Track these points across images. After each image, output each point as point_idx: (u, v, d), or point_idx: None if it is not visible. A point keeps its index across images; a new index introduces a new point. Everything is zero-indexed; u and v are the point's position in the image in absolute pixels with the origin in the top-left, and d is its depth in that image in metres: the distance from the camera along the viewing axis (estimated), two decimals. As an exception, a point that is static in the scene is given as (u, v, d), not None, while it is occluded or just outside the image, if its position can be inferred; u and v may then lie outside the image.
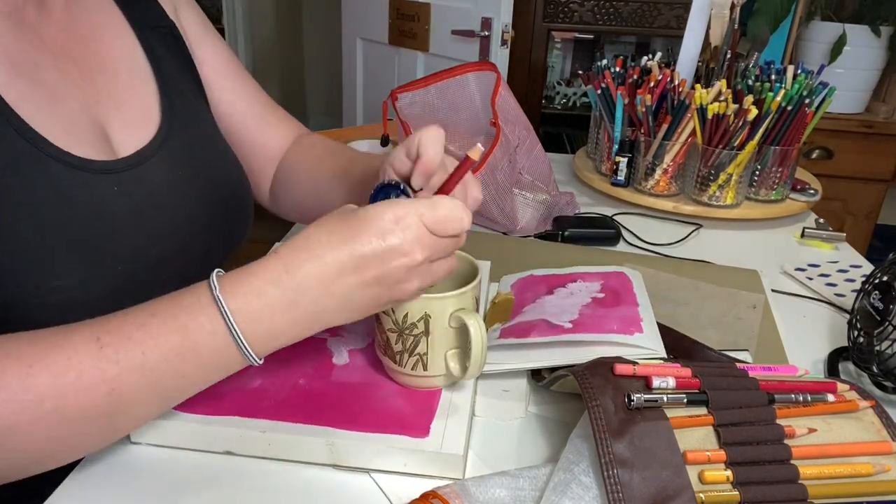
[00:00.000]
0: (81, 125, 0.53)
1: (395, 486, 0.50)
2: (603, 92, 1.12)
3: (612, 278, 0.70)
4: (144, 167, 0.57)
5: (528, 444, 0.55)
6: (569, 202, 1.03)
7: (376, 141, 1.20)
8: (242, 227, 0.69)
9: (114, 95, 0.57)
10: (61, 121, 0.52)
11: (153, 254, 0.56)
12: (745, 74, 1.12)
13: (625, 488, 0.42)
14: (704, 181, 1.04)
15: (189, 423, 0.52)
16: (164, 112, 0.61)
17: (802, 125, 1.02)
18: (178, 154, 0.60)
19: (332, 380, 0.57)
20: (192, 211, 0.61)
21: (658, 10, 2.31)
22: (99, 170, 0.53)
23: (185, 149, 0.61)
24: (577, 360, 0.54)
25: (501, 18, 1.95)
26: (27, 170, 0.49)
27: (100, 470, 0.51)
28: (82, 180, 0.52)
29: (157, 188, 0.58)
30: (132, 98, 0.59)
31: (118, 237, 0.54)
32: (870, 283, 0.65)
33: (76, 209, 0.51)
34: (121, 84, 0.58)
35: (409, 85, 1.05)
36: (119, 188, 0.54)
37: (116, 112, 0.57)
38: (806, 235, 1.01)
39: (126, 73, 0.59)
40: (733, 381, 0.50)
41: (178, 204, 0.59)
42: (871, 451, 0.46)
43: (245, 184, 0.69)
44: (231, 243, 0.67)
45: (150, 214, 0.56)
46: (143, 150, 0.58)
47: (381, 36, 2.33)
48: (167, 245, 0.58)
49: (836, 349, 0.70)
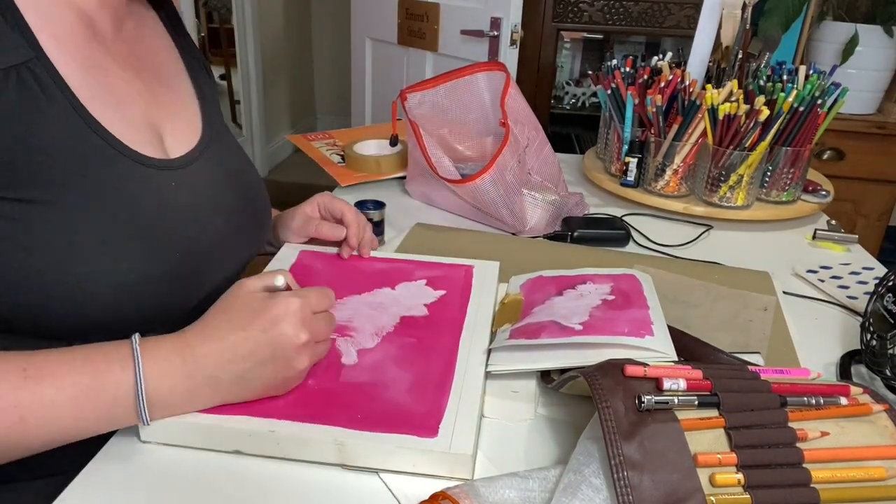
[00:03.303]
0: (141, 127, 0.60)
1: (404, 486, 0.50)
2: (613, 92, 1.12)
3: (623, 280, 0.70)
4: (193, 168, 0.64)
5: (538, 446, 0.55)
6: (578, 203, 1.03)
7: (384, 141, 1.20)
8: (264, 232, 0.77)
9: (167, 105, 0.64)
10: (125, 121, 0.58)
11: (202, 245, 0.63)
12: (757, 75, 1.11)
13: (635, 490, 0.42)
14: (715, 182, 1.03)
15: (198, 423, 0.52)
16: (205, 123, 0.69)
17: (814, 126, 1.01)
18: (217, 160, 0.68)
19: (342, 380, 0.57)
20: (231, 210, 0.68)
21: (668, 9, 2.30)
22: (159, 166, 0.60)
23: (221, 156, 0.69)
24: (587, 362, 0.54)
25: (511, 18, 1.95)
26: (99, 164, 0.55)
27: (109, 468, 0.51)
28: (147, 175, 0.58)
29: (205, 187, 0.65)
30: (181, 109, 0.67)
31: (175, 228, 0.59)
32: (883, 286, 0.64)
33: (141, 201, 0.57)
34: (172, 96, 0.66)
35: (419, 85, 1.05)
36: (175, 184, 0.61)
37: (168, 119, 0.64)
38: (817, 237, 1.00)
39: (176, 88, 0.67)
40: (745, 384, 0.49)
41: (220, 203, 0.66)
42: (885, 455, 0.46)
43: (265, 192, 0.77)
44: (255, 244, 0.74)
45: (200, 209, 0.63)
46: (191, 152, 0.65)
47: (390, 36, 2.33)
48: (213, 238, 0.65)
49: (849, 352, 0.70)
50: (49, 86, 0.53)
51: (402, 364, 0.59)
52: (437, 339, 0.63)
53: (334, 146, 1.27)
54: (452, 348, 0.62)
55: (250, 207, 0.72)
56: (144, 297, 0.53)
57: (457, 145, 1.09)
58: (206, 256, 0.63)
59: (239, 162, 0.72)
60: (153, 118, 0.62)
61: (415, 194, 1.10)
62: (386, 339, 0.63)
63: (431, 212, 1.05)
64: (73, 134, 0.54)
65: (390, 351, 0.61)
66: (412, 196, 1.10)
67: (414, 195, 1.10)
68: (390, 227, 0.96)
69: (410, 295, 0.71)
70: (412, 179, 1.08)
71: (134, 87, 0.61)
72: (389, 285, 0.72)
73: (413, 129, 1.00)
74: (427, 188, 1.05)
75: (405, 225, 0.98)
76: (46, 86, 0.52)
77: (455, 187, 0.95)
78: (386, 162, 1.15)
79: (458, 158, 1.06)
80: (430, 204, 1.07)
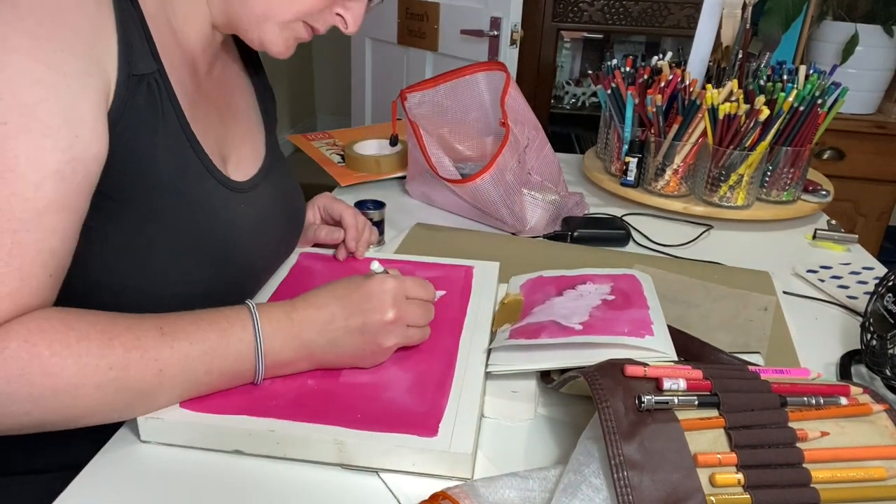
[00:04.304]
0: (216, 156, 0.64)
1: (404, 486, 0.50)
2: (613, 92, 1.12)
3: (623, 281, 0.70)
4: (257, 191, 0.69)
5: (538, 446, 0.55)
6: (578, 203, 1.03)
7: (384, 141, 1.20)
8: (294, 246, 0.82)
9: (236, 138, 0.70)
10: (209, 149, 0.63)
11: (257, 264, 0.69)
12: (757, 74, 1.11)
13: (635, 490, 0.42)
14: (715, 182, 1.03)
15: (199, 423, 0.52)
16: (268, 152, 0.74)
17: (814, 126, 1.01)
18: (275, 186, 0.73)
19: (341, 380, 0.57)
20: (283, 232, 0.75)
21: (668, 9, 2.30)
22: (235, 189, 0.65)
23: (278, 183, 0.74)
24: (587, 362, 0.54)
25: (511, 18, 1.94)
26: (193, 179, 0.60)
27: (110, 468, 0.51)
28: (226, 196, 0.64)
29: (264, 209, 0.70)
30: (247, 141, 0.72)
31: (240, 247, 0.65)
32: (883, 286, 0.64)
33: (218, 218, 0.62)
34: (243, 130, 0.72)
35: (419, 85, 1.05)
36: (244, 206, 0.66)
37: (235, 149, 0.69)
38: (817, 237, 1.00)
39: (246, 123, 0.73)
40: (745, 384, 0.49)
41: (274, 224, 0.72)
42: (885, 455, 0.46)
43: (305, 209, 0.83)
44: (290, 255, 0.80)
45: (259, 231, 0.68)
46: (254, 178, 0.69)
47: (390, 35, 2.32)
48: (268, 259, 0.72)
49: (849, 352, 0.70)
50: (165, 100, 0.57)
51: (402, 364, 0.60)
52: (437, 339, 0.63)
53: (334, 146, 1.27)
54: (452, 348, 0.62)
55: (296, 228, 0.79)
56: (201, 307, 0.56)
57: (457, 145, 1.09)
58: (259, 275, 0.71)
59: (290, 184, 0.77)
60: (222, 147, 0.67)
61: (415, 194, 1.10)
62: (386, 338, 0.63)
63: (431, 212, 1.05)
64: (178, 149, 0.59)
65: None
66: (412, 196, 1.10)
67: (414, 195, 1.10)
68: (390, 227, 0.96)
69: (410, 295, 0.70)
70: (412, 179, 1.08)
71: (212, 119, 0.66)
72: (389, 285, 0.72)
73: (413, 128, 0.99)
74: (427, 188, 1.05)
75: (405, 225, 0.98)
76: (163, 99, 0.57)
77: (455, 187, 0.95)
78: (386, 162, 1.15)
79: (458, 158, 1.06)
80: (430, 204, 1.07)
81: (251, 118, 0.74)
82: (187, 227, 0.59)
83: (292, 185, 0.78)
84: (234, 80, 0.73)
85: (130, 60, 0.54)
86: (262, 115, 0.77)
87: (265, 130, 0.76)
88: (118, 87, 0.53)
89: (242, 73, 0.76)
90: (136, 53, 0.54)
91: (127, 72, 0.53)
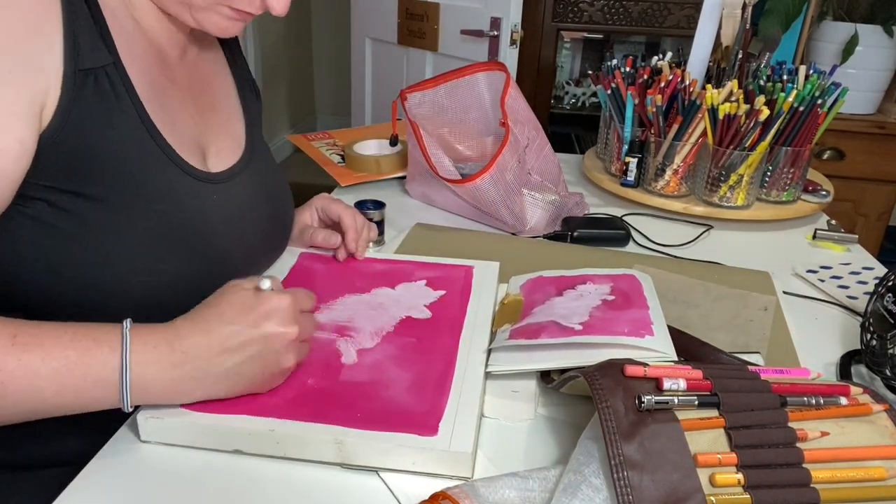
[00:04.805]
0: (189, 144, 0.64)
1: (403, 486, 0.50)
2: (613, 92, 1.12)
3: (622, 281, 0.70)
4: (234, 183, 0.68)
5: (538, 446, 0.55)
6: (578, 203, 1.03)
7: (384, 141, 1.20)
8: (285, 241, 0.81)
9: (215, 126, 0.69)
10: (176, 136, 0.62)
11: (234, 257, 0.67)
12: (757, 75, 1.11)
13: (635, 490, 0.42)
14: (715, 182, 1.03)
15: (198, 422, 0.52)
16: (248, 144, 0.73)
17: (814, 126, 1.01)
18: (255, 177, 0.72)
19: (341, 379, 0.57)
20: (263, 226, 0.73)
21: (668, 9, 2.30)
22: (204, 179, 0.64)
23: (259, 174, 0.73)
24: (587, 362, 0.54)
25: (511, 18, 1.94)
26: (154, 170, 0.59)
27: (109, 468, 0.51)
28: (193, 186, 0.62)
29: (243, 202, 0.68)
30: (227, 130, 0.71)
31: (212, 239, 0.63)
32: (883, 286, 0.64)
33: (185, 209, 0.61)
34: (220, 118, 0.71)
35: (419, 85, 1.05)
36: (217, 197, 0.65)
37: (214, 138, 0.68)
38: (817, 237, 1.00)
39: (226, 112, 0.72)
40: (745, 384, 0.49)
41: (255, 218, 0.70)
42: (885, 455, 0.46)
43: (293, 207, 0.82)
44: (276, 253, 0.79)
45: (236, 224, 0.67)
46: (232, 168, 0.69)
47: (390, 35, 2.32)
48: (245, 252, 0.69)
49: (849, 352, 0.70)
50: (121, 91, 0.57)
51: (402, 364, 0.60)
52: (436, 340, 0.63)
53: (334, 146, 1.27)
54: (452, 348, 0.62)
55: (280, 223, 0.77)
56: (172, 300, 0.55)
57: (457, 145, 1.09)
58: (236, 268, 0.67)
59: (275, 179, 0.76)
60: (200, 137, 0.66)
61: (415, 194, 1.10)
62: (386, 339, 0.63)
63: (431, 212, 1.05)
64: (136, 139, 0.58)
65: (390, 351, 0.61)
66: (412, 196, 1.10)
67: (414, 195, 1.10)
68: (390, 227, 0.96)
69: (410, 295, 0.71)
70: (412, 179, 1.08)
71: (187, 108, 0.65)
72: (389, 286, 0.72)
73: (413, 128, 0.99)
74: (427, 188, 1.05)
75: (405, 225, 0.98)
76: (119, 91, 0.56)
77: (455, 187, 0.95)
78: (386, 162, 1.15)
79: (458, 158, 1.06)
80: (430, 204, 1.07)
81: (231, 108, 0.74)
82: (148, 216, 0.58)
83: (276, 181, 0.76)
84: (211, 67, 0.72)
85: (77, 55, 0.53)
86: (241, 104, 0.76)
87: (245, 123, 0.75)
88: (64, 83, 0.52)
89: (222, 63, 0.75)
90: (84, 48, 0.54)
91: (73, 67, 0.53)
